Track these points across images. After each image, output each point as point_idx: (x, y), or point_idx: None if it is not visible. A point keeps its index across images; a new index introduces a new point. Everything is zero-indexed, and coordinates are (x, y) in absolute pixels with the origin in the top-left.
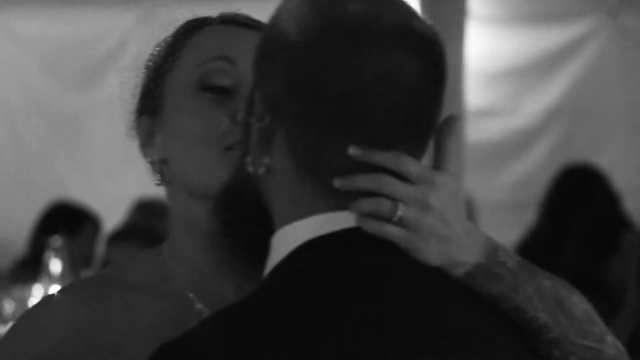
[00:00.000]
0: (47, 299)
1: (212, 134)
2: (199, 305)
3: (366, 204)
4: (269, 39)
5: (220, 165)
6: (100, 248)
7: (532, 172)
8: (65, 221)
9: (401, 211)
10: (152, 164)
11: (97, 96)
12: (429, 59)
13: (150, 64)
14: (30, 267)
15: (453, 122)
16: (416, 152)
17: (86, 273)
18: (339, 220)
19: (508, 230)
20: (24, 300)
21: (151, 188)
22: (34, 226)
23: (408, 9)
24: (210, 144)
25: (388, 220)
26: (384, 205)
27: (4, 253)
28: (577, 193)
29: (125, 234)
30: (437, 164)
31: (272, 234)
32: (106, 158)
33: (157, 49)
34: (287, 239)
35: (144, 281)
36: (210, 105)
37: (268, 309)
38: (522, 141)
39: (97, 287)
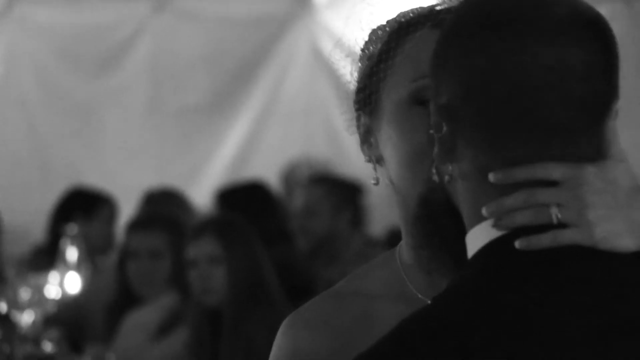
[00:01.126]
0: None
1: (426, 151)
2: None
3: (517, 218)
4: (438, 48)
5: (431, 181)
6: (119, 236)
7: None
8: (80, 205)
9: (556, 213)
10: (369, 161)
11: (112, 85)
12: (597, 44)
13: (364, 60)
14: (47, 255)
15: (610, 106)
16: (596, 139)
17: (103, 260)
18: None
19: None
20: (40, 288)
21: (166, 176)
22: (50, 214)
23: None
24: (425, 160)
25: (544, 228)
26: (535, 214)
27: (21, 241)
28: None
29: (146, 223)
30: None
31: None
32: (121, 146)
33: (370, 42)
34: (473, 241)
35: (379, 287)
36: (426, 121)
37: (450, 314)
38: None
39: (323, 310)
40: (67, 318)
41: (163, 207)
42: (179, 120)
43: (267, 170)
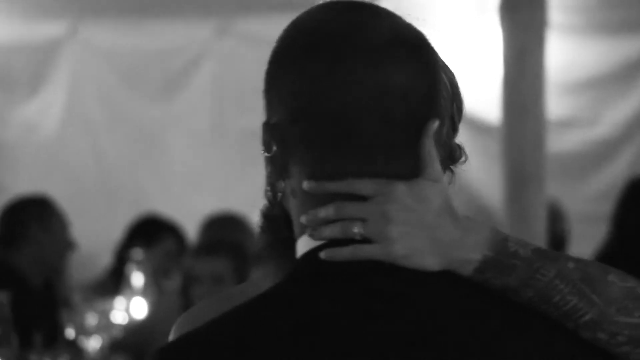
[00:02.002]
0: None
1: None
2: None
3: (326, 231)
4: (268, 69)
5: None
6: (185, 261)
7: (614, 183)
8: (144, 233)
9: (358, 228)
10: None
11: (175, 108)
12: (418, 66)
13: None
14: (114, 280)
15: (427, 126)
16: (414, 158)
17: (167, 284)
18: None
19: (590, 242)
20: (106, 313)
21: (229, 200)
22: (121, 239)
23: (392, 18)
24: None
25: (353, 241)
26: (341, 228)
27: (87, 266)
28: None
29: (210, 248)
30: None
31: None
32: (185, 170)
33: None
34: (298, 251)
35: (264, 288)
36: None
37: (243, 319)
38: (603, 152)
39: (211, 309)
40: (133, 343)
41: (225, 232)
42: (242, 144)
43: None
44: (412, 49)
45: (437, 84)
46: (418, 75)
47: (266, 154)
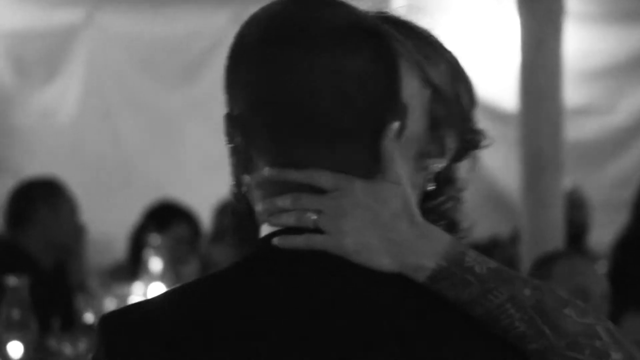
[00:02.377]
0: None
1: None
2: None
3: (282, 218)
4: (228, 63)
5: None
6: (202, 247)
7: (630, 170)
8: (158, 219)
9: (313, 217)
10: None
11: (192, 95)
12: (374, 53)
13: None
14: (131, 265)
15: (387, 126)
16: (375, 148)
17: (185, 269)
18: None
19: (609, 228)
20: (124, 298)
21: None
22: (137, 224)
23: (348, 8)
24: None
25: (307, 231)
26: (296, 216)
27: (104, 251)
28: None
29: (226, 235)
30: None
31: None
32: (202, 157)
33: None
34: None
35: None
36: None
37: (191, 295)
38: (619, 140)
39: None
40: None
41: None
42: None
43: None
44: (368, 36)
45: (396, 71)
46: (375, 60)
47: (230, 145)
